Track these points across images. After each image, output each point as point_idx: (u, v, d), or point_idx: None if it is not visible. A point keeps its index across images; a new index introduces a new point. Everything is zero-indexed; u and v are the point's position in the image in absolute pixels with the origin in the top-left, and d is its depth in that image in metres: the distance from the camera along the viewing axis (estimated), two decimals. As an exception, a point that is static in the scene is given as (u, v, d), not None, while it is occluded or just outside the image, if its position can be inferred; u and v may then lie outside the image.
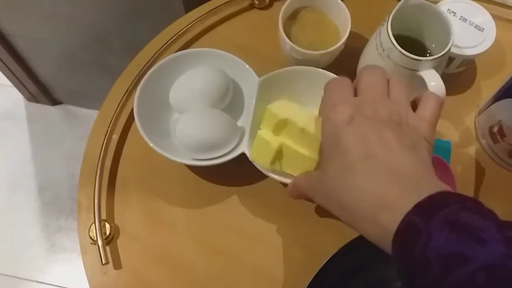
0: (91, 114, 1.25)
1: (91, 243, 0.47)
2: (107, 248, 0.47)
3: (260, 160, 0.45)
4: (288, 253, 0.47)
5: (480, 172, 0.51)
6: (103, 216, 0.48)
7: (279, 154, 0.45)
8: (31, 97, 1.32)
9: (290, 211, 0.49)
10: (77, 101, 1.32)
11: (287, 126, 0.45)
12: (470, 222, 0.27)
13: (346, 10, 0.50)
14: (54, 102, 1.35)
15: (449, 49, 0.44)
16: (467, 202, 0.28)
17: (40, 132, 1.35)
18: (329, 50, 0.49)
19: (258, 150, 0.46)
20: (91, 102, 1.26)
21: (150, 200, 0.50)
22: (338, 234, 0.42)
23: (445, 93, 0.44)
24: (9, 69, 1.14)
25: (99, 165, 0.50)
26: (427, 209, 0.28)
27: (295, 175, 0.44)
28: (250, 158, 0.46)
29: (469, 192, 0.50)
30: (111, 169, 0.51)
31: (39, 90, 1.26)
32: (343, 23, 0.51)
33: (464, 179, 0.50)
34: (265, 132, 0.46)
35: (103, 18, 0.91)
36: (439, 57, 0.44)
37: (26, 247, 1.21)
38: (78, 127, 1.32)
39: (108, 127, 0.52)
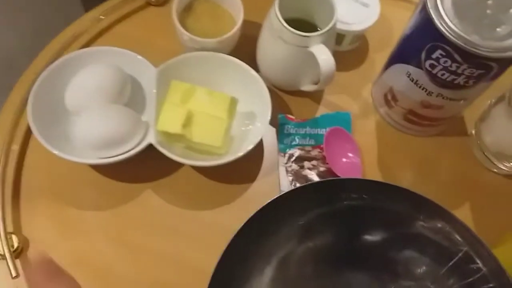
0: None
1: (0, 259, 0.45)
2: (17, 261, 0.45)
3: (170, 127, 0.46)
4: (210, 240, 0.47)
5: (381, 138, 0.54)
6: (9, 229, 0.46)
7: (188, 121, 0.46)
8: None
9: (205, 197, 0.49)
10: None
11: (194, 93, 0.47)
12: None
13: None
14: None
15: (334, 23, 0.47)
16: None
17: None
18: (224, 37, 0.50)
19: (167, 118, 0.46)
20: None
21: (58, 207, 0.48)
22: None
23: (334, 65, 0.46)
24: None
25: (0, 176, 0.48)
26: None
27: (205, 143, 0.46)
28: (157, 128, 0.46)
29: (372, 156, 0.53)
30: (15, 180, 0.49)
31: None
32: (236, 12, 0.52)
33: (367, 145, 0.53)
34: (172, 101, 0.47)
35: (5, 40, 0.87)
36: (325, 31, 0.46)
37: None
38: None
39: (7, 138, 0.50)
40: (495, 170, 0.52)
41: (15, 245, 0.45)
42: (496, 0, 0.41)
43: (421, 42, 0.43)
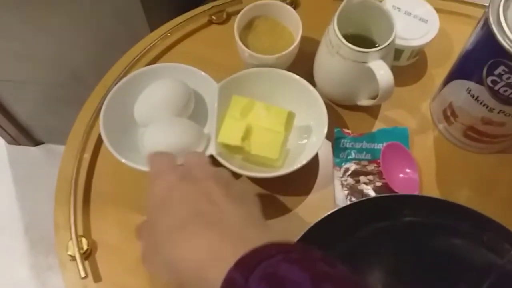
0: (73, 150, 1.26)
1: (70, 260, 0.48)
2: (86, 262, 0.48)
3: (230, 139, 0.48)
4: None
5: (439, 154, 0.53)
6: (80, 232, 0.50)
7: (247, 134, 0.48)
8: (11, 140, 1.33)
9: (262, 208, 0.51)
10: (58, 139, 1.33)
11: (254, 107, 0.49)
12: (287, 275, 0.26)
13: (297, 16, 0.53)
14: (35, 142, 1.36)
15: (393, 39, 0.47)
16: (292, 254, 0.28)
17: (23, 174, 1.35)
18: (283, 53, 0.51)
19: (227, 130, 0.49)
20: (72, 138, 1.27)
21: (125, 213, 0.51)
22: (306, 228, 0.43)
23: (393, 80, 0.47)
24: (-12, 115, 1.15)
25: (73, 183, 0.52)
26: (248, 263, 0.28)
27: (262, 155, 0.48)
28: (218, 140, 0.48)
29: (431, 172, 0.52)
30: (85, 186, 0.52)
31: (20, 132, 1.27)
32: (295, 29, 0.54)
33: (425, 162, 0.52)
34: (233, 115, 0.49)
35: (73, 53, 0.93)
36: (384, 47, 0.47)
37: (17, 288, 1.20)
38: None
39: (79, 147, 0.53)
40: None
41: (85, 247, 0.49)
42: None
43: (483, 57, 0.43)
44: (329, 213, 0.40)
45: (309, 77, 0.54)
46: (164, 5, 0.85)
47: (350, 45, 0.46)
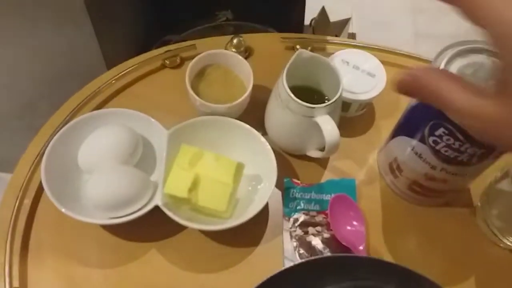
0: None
1: (3, 314, 0.46)
2: (20, 317, 0.46)
3: (177, 190, 0.47)
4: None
5: (386, 205, 0.54)
6: (15, 284, 0.47)
7: (195, 184, 0.48)
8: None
9: (209, 259, 0.50)
10: (5, 167, 1.28)
11: (202, 157, 0.49)
12: None
13: (248, 66, 0.54)
14: (-18, 169, 1.30)
15: (340, 95, 0.48)
16: None
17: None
18: (234, 103, 0.51)
19: (174, 181, 0.48)
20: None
21: (66, 263, 0.49)
22: (253, 281, 0.42)
23: (338, 136, 0.47)
24: None
25: (10, 229, 0.49)
26: None
27: (210, 207, 0.47)
28: (165, 191, 0.47)
29: (376, 224, 0.53)
30: (24, 233, 0.50)
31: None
32: (247, 78, 0.54)
33: (371, 213, 0.53)
34: (180, 165, 0.48)
35: (29, 85, 0.91)
36: (330, 103, 0.47)
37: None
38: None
39: (20, 192, 0.51)
40: (501, 244, 0.52)
41: (20, 301, 0.46)
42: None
43: (425, 118, 0.44)
44: (273, 274, 0.40)
45: (261, 125, 0.54)
46: (123, 46, 0.85)
47: (298, 100, 0.47)
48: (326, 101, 0.53)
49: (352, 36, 1.31)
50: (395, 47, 0.65)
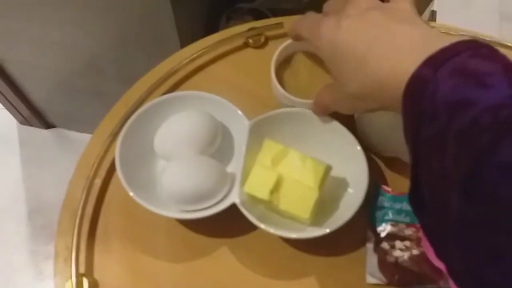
0: (84, 138, 1.23)
1: (68, 299, 0.44)
2: (85, 304, 0.44)
3: (258, 191, 0.43)
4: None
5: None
6: (82, 270, 0.45)
7: (277, 186, 0.43)
8: (24, 121, 1.30)
9: (282, 265, 0.46)
10: (71, 125, 1.30)
11: (287, 155, 0.44)
12: (478, 68, 0.27)
13: None
14: (47, 125, 1.32)
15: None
16: (481, 49, 0.28)
17: (32, 156, 1.32)
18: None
19: (255, 180, 0.44)
20: (84, 126, 1.23)
21: (133, 252, 0.46)
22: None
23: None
24: (1, 93, 1.12)
25: (79, 213, 0.47)
26: (437, 60, 0.28)
27: (292, 212, 0.43)
28: (245, 190, 0.44)
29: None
30: (92, 216, 0.48)
31: (32, 114, 1.24)
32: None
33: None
34: (263, 163, 0.44)
35: (94, 45, 0.89)
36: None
37: (13, 274, 1.17)
38: (71, 151, 1.29)
39: (91, 171, 0.49)
40: None
41: (85, 288, 0.44)
42: None
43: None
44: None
45: (349, 120, 0.48)
46: (195, 11, 0.80)
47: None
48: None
49: (433, 14, 1.21)
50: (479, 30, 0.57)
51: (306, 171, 0.43)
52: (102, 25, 0.83)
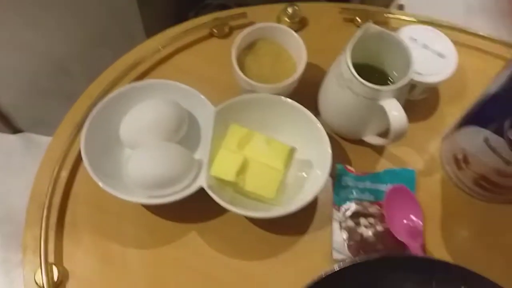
0: (54, 142, 1.21)
1: (37, 289, 0.44)
2: (55, 294, 0.44)
3: (224, 173, 0.44)
4: (251, 293, 0.45)
5: (446, 199, 0.50)
6: (51, 259, 0.45)
7: (243, 168, 0.44)
8: (-11, 126, 1.27)
9: (251, 246, 0.47)
10: (38, 129, 1.27)
11: (252, 138, 0.46)
12: None
13: (302, 44, 0.49)
14: (14, 130, 1.30)
15: (410, 78, 0.43)
16: None
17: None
18: (280, 85, 0.47)
19: (222, 163, 0.45)
20: (53, 129, 1.20)
21: (101, 241, 0.46)
22: (299, 272, 0.39)
23: (407, 123, 0.43)
24: (-35, 98, 1.09)
25: (47, 203, 0.47)
26: None
27: (258, 193, 0.44)
28: (211, 173, 0.44)
29: (434, 219, 0.48)
30: (60, 208, 0.48)
31: (-2, 118, 1.21)
32: (299, 56, 0.49)
33: (430, 207, 0.49)
34: (229, 146, 0.45)
35: (61, 46, 0.88)
36: (399, 86, 0.43)
37: (-17, 284, 1.14)
38: (40, 156, 1.26)
39: (57, 163, 0.49)
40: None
41: (55, 277, 0.44)
42: None
43: (508, 107, 0.39)
44: (327, 273, 0.37)
45: (312, 104, 0.50)
46: (162, 9, 0.80)
47: (363, 81, 0.42)
48: (389, 82, 0.48)
49: (400, 8, 1.23)
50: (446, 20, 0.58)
51: (271, 153, 0.44)
52: (68, 25, 0.83)
